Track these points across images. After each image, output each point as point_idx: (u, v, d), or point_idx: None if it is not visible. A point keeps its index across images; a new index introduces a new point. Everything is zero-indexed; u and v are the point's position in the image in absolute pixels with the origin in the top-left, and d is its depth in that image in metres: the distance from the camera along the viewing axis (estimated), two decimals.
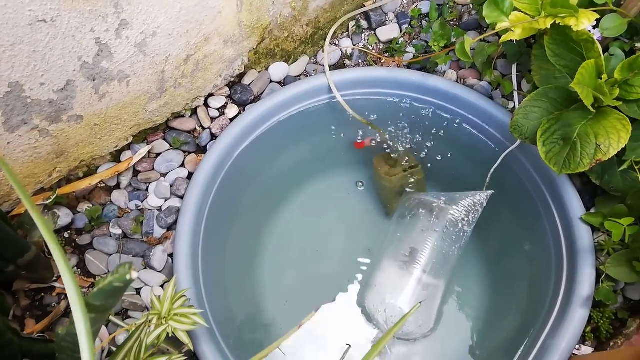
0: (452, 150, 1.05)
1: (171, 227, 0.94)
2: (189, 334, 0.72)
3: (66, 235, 0.93)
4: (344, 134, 1.08)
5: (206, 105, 1.03)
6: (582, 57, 0.79)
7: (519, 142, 0.91)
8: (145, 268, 0.91)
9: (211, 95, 1.03)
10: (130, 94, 0.87)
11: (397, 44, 1.08)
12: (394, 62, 1.07)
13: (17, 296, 0.87)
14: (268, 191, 1.07)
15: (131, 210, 0.95)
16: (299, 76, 1.09)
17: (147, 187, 0.97)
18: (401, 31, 1.10)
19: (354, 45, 1.10)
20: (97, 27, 0.73)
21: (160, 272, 0.91)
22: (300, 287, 1.02)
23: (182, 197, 0.95)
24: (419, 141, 1.06)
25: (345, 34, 1.12)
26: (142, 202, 0.96)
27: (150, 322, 0.69)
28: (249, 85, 1.05)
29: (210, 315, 0.87)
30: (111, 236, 0.93)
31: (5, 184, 0.84)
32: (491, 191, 0.94)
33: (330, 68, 1.04)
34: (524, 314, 0.92)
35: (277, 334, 0.97)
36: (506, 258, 1.02)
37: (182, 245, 0.88)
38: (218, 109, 1.03)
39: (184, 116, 1.02)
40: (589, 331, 0.84)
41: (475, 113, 1.00)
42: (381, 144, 1.07)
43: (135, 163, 0.96)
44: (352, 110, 1.01)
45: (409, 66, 1.06)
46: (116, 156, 0.97)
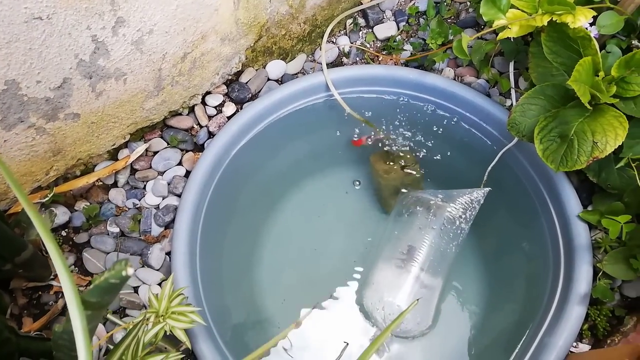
0: (450, 148, 1.05)
1: (169, 226, 0.94)
2: (186, 332, 0.72)
3: (63, 233, 0.93)
4: (341, 132, 1.08)
5: (203, 103, 1.03)
6: (579, 54, 0.79)
7: (516, 139, 0.91)
8: (143, 266, 0.91)
9: (208, 93, 1.03)
10: (127, 91, 0.87)
11: (395, 41, 1.08)
12: (391, 59, 1.07)
13: (15, 295, 0.87)
14: (266, 189, 1.07)
15: (129, 209, 0.95)
16: (296, 74, 1.09)
17: (145, 186, 0.97)
18: (398, 29, 1.10)
19: (352, 43, 1.10)
20: (93, 25, 0.73)
21: (157, 270, 0.91)
22: (298, 285, 1.02)
23: (179, 195, 0.95)
24: (417, 139, 1.06)
25: (342, 32, 1.12)
26: (139, 201, 0.96)
27: (147, 320, 0.69)
28: (246, 83, 1.05)
29: (207, 313, 0.87)
30: (109, 234, 0.93)
31: (2, 182, 0.84)
32: (488, 188, 0.94)
33: (327, 66, 1.04)
34: (522, 312, 0.93)
35: (275, 332, 0.97)
36: (503, 256, 1.02)
37: (179, 244, 0.88)
38: (215, 107, 1.03)
39: (181, 114, 1.02)
40: (586, 329, 0.84)
41: (472, 111, 1.00)
42: (378, 141, 1.07)
43: (133, 161, 0.96)
44: (349, 108, 1.01)
45: (406, 64, 1.06)
46: (113, 154, 0.97)
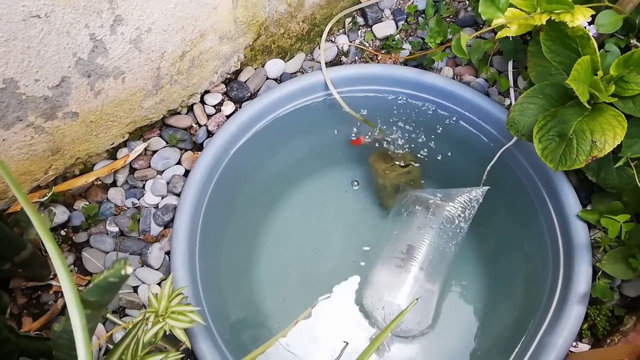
0: (449, 147, 1.05)
1: (168, 225, 0.94)
2: (186, 331, 0.72)
3: (62, 233, 0.93)
4: (340, 131, 1.08)
5: (202, 102, 1.03)
6: (578, 53, 0.79)
7: (515, 138, 0.91)
8: (142, 266, 0.91)
9: (207, 92, 1.03)
10: (126, 90, 0.87)
11: (394, 40, 1.08)
12: (390, 58, 1.07)
13: (14, 294, 0.87)
14: (265, 188, 1.07)
15: (128, 208, 0.95)
16: (295, 73, 1.09)
17: (144, 185, 0.97)
18: (397, 28, 1.10)
19: (350, 42, 1.09)
20: (91, 23, 0.73)
21: (157, 269, 0.91)
22: (298, 285, 1.02)
23: (178, 195, 0.95)
24: (415, 138, 1.06)
25: (341, 31, 1.12)
26: (138, 200, 0.96)
27: (147, 319, 0.69)
28: (245, 82, 1.05)
29: (207, 312, 0.87)
30: (108, 234, 0.93)
31: (1, 182, 0.84)
32: (487, 187, 0.94)
33: (326, 65, 1.04)
34: (521, 311, 0.93)
35: (275, 332, 0.96)
36: (503, 255, 1.03)
37: (179, 243, 0.88)
38: (214, 106, 1.03)
39: (180, 113, 1.02)
40: (585, 328, 0.84)
41: (471, 110, 1.00)
42: (377, 141, 1.07)
43: (132, 160, 0.96)
44: (348, 107, 1.01)
45: (405, 63, 1.06)
46: (112, 153, 0.97)
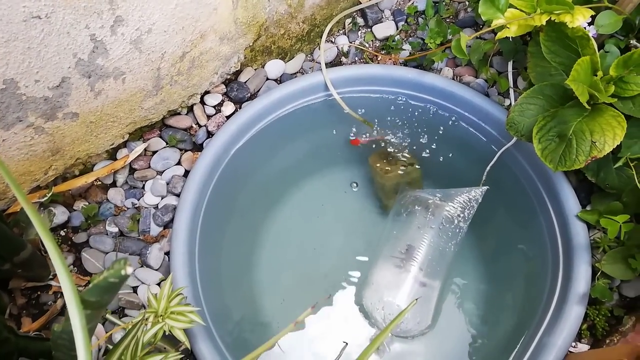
0: (449, 148, 1.05)
1: (168, 225, 0.94)
2: (185, 332, 0.72)
3: (62, 233, 0.93)
4: (340, 132, 1.08)
5: (202, 102, 1.03)
6: (578, 54, 0.79)
7: (515, 139, 0.91)
8: (142, 266, 0.91)
9: (207, 92, 1.03)
10: (126, 91, 0.87)
11: (394, 41, 1.08)
12: (390, 59, 1.07)
13: (13, 294, 0.87)
14: (265, 189, 1.07)
15: (127, 208, 0.95)
16: (295, 74, 1.09)
17: (144, 185, 0.97)
18: (397, 28, 1.10)
19: (350, 43, 1.10)
20: (92, 24, 0.73)
21: (156, 270, 0.91)
22: (298, 285, 1.02)
23: (178, 195, 0.95)
24: (415, 139, 1.06)
25: (341, 31, 1.12)
26: (138, 200, 0.96)
27: (146, 320, 0.69)
28: (245, 82, 1.05)
29: (207, 313, 0.87)
30: (107, 234, 0.93)
31: (1, 182, 0.84)
32: (486, 187, 0.94)
33: (326, 65, 1.04)
34: (521, 311, 0.93)
35: (274, 332, 0.96)
36: (502, 255, 1.03)
37: (178, 243, 0.88)
38: (214, 107, 1.03)
39: (180, 114, 1.02)
40: (585, 328, 0.84)
41: (471, 110, 1.00)
42: (377, 141, 1.07)
43: (132, 161, 0.96)
44: (348, 108, 1.01)
45: (405, 63, 1.06)
46: (112, 154, 0.97)
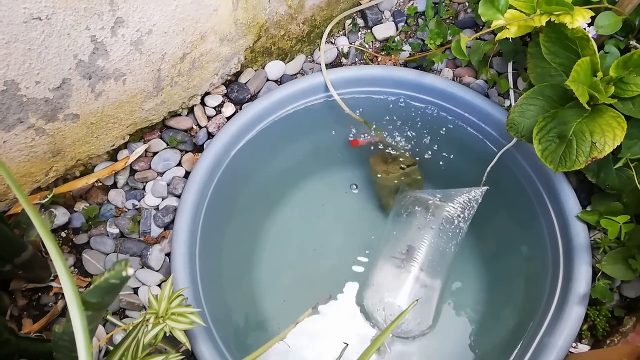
0: (449, 149, 1.06)
1: (168, 226, 0.94)
2: (186, 333, 0.72)
3: (63, 234, 0.93)
4: (340, 133, 1.08)
5: (203, 103, 1.03)
6: (577, 54, 0.79)
7: (515, 140, 0.91)
8: (143, 267, 0.91)
9: (208, 93, 1.03)
10: (127, 92, 0.87)
11: (394, 42, 1.08)
12: (390, 60, 1.07)
13: (14, 296, 0.87)
14: (265, 190, 1.07)
15: (128, 210, 0.95)
16: (295, 75, 1.09)
17: (144, 186, 0.97)
18: (397, 29, 1.10)
19: (351, 44, 1.10)
20: (92, 25, 0.73)
21: (157, 271, 0.91)
22: (298, 286, 1.02)
23: (179, 196, 0.95)
24: (415, 139, 1.06)
25: (341, 32, 1.12)
26: (139, 201, 0.96)
27: (147, 321, 0.69)
28: (245, 83, 1.05)
29: (207, 314, 0.87)
30: (108, 235, 0.93)
31: (2, 183, 0.84)
32: (486, 187, 0.94)
33: (326, 66, 1.04)
34: (521, 312, 0.93)
35: (275, 333, 0.96)
36: (503, 256, 1.03)
37: (179, 244, 0.88)
38: (215, 108, 1.03)
39: (180, 115, 1.02)
40: (585, 329, 0.84)
41: (471, 111, 1.00)
42: (377, 142, 1.07)
43: (132, 162, 0.96)
44: (348, 109, 1.01)
45: (405, 64, 1.06)
46: (113, 155, 0.97)
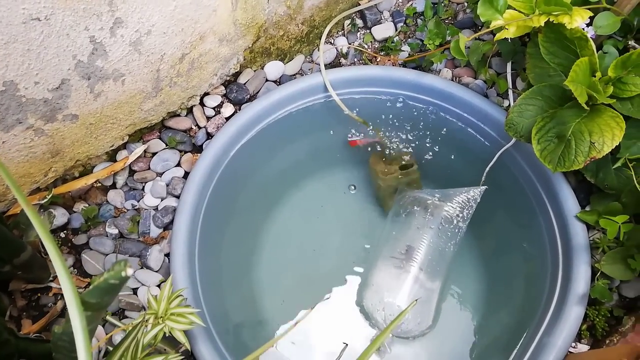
0: (448, 149, 1.06)
1: (167, 227, 0.94)
2: (185, 333, 0.72)
3: (62, 235, 0.93)
4: (339, 133, 1.08)
5: (202, 104, 1.03)
6: (576, 54, 0.79)
7: (514, 140, 0.92)
8: (142, 268, 0.91)
9: (207, 94, 1.03)
10: (126, 92, 0.87)
11: (393, 42, 1.08)
12: (389, 60, 1.07)
13: (14, 296, 0.87)
14: (264, 190, 1.07)
15: (127, 210, 0.95)
16: (294, 75, 1.09)
17: (143, 187, 0.97)
18: (396, 30, 1.10)
19: (350, 44, 1.10)
20: (91, 26, 0.73)
21: (156, 271, 0.91)
22: (298, 287, 1.02)
23: (178, 197, 0.95)
24: (415, 139, 1.06)
25: (340, 33, 1.12)
26: (138, 202, 0.96)
27: (147, 321, 0.69)
28: (244, 84, 1.05)
29: (207, 314, 0.87)
30: (107, 236, 0.93)
31: (1, 184, 0.84)
32: (484, 187, 0.94)
33: (325, 67, 1.04)
34: (520, 312, 0.93)
35: (274, 334, 0.97)
36: (502, 256, 1.03)
37: (178, 245, 0.88)
38: (214, 108, 1.03)
39: (179, 115, 1.02)
40: (584, 329, 0.84)
41: (470, 111, 1.01)
42: (376, 142, 1.07)
43: (131, 162, 0.96)
44: (347, 109, 1.01)
45: (404, 65, 1.06)
46: (112, 155, 0.97)
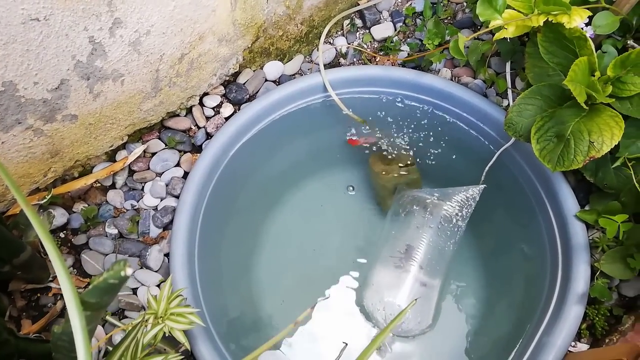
0: (447, 148, 1.06)
1: (167, 227, 0.94)
2: (185, 333, 0.72)
3: (62, 235, 0.93)
4: (339, 133, 1.08)
5: (201, 104, 1.03)
6: (575, 54, 0.79)
7: (513, 139, 0.92)
8: (142, 268, 0.91)
9: (206, 94, 1.03)
10: (125, 93, 0.87)
11: (392, 42, 1.08)
12: (388, 60, 1.07)
13: (13, 297, 0.87)
14: (264, 190, 1.07)
15: (127, 210, 0.95)
16: (294, 75, 1.09)
17: (143, 187, 0.97)
18: (395, 29, 1.10)
19: (349, 44, 1.10)
20: (90, 26, 0.73)
21: (156, 271, 0.91)
22: (297, 286, 1.02)
23: (177, 197, 0.95)
24: (414, 139, 1.06)
25: (339, 33, 1.12)
26: (137, 202, 0.96)
27: (146, 321, 0.69)
28: (244, 84, 1.05)
29: (206, 314, 0.87)
30: (107, 236, 0.93)
31: (0, 184, 0.84)
32: (483, 185, 0.94)
33: (325, 67, 1.04)
34: (520, 311, 0.93)
35: (274, 333, 0.96)
36: (502, 255, 1.03)
37: (178, 245, 0.88)
38: (213, 108, 1.03)
39: (179, 115, 1.02)
40: (584, 328, 0.85)
41: (469, 111, 1.01)
42: (376, 142, 1.07)
43: (131, 162, 0.96)
44: (346, 109, 1.01)
45: (403, 64, 1.07)
46: (111, 156, 0.97)
